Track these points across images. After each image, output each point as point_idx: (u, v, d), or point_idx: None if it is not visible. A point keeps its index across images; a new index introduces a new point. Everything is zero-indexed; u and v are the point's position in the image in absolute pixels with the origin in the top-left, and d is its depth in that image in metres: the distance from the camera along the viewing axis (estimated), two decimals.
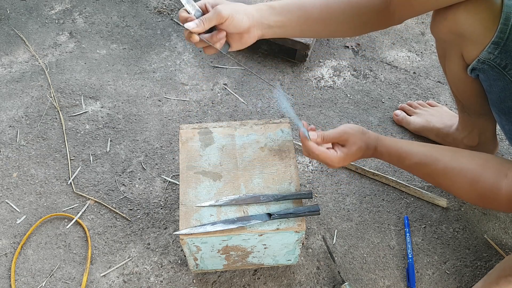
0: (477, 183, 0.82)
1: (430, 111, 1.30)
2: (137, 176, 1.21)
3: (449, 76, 1.05)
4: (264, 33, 0.87)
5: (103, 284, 1.04)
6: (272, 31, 0.88)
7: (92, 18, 1.58)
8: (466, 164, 0.84)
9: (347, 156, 0.88)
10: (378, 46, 1.53)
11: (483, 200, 0.83)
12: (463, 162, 0.84)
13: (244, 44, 0.87)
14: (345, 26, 0.91)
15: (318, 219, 1.14)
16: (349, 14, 0.89)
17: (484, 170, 0.82)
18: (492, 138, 1.19)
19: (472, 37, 0.88)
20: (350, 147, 0.88)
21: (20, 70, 1.43)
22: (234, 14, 0.81)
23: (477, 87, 1.01)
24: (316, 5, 0.88)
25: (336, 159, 0.88)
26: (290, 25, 0.87)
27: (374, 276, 1.06)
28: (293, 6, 0.87)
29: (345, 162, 0.89)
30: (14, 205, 1.16)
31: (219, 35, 0.82)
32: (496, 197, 0.80)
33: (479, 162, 0.84)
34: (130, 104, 1.36)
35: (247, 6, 0.84)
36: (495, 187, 0.80)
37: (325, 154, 0.87)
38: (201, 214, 0.88)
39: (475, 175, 0.82)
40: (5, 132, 1.29)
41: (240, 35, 0.85)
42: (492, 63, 0.88)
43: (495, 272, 0.92)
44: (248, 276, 1.05)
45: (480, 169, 0.82)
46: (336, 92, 1.40)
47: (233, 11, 0.81)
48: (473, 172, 0.82)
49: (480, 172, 0.82)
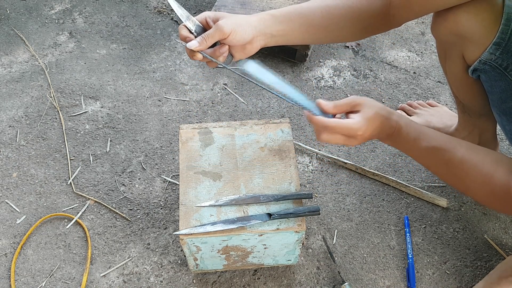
0: (490, 179, 0.78)
1: (430, 111, 1.30)
2: (137, 176, 1.21)
3: (449, 77, 1.05)
4: (267, 42, 0.86)
5: (103, 284, 1.04)
6: (275, 40, 0.87)
7: (92, 18, 1.58)
8: (482, 158, 0.80)
9: (368, 122, 0.77)
10: (378, 46, 1.52)
11: (492, 198, 0.80)
12: (480, 155, 0.80)
13: (247, 54, 0.86)
14: (346, 31, 0.91)
15: (318, 219, 1.14)
16: (350, 19, 0.89)
17: (497, 168, 0.78)
18: (493, 138, 1.19)
19: (473, 38, 0.88)
20: (367, 111, 0.78)
21: (20, 70, 1.43)
22: (236, 28, 0.79)
23: (477, 88, 1.01)
24: (317, 12, 0.87)
25: (356, 125, 0.76)
26: (292, 33, 0.87)
27: (374, 276, 1.06)
28: (294, 14, 0.86)
29: (367, 131, 0.77)
30: (14, 205, 1.16)
31: (222, 50, 0.81)
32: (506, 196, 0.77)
33: (493, 158, 0.80)
34: (130, 104, 1.36)
35: (248, 17, 0.83)
36: (506, 186, 0.77)
37: (342, 123, 0.76)
38: (201, 214, 0.88)
39: (489, 171, 0.78)
40: (5, 132, 1.29)
41: (243, 46, 0.84)
42: (493, 64, 0.88)
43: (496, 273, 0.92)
44: (248, 276, 1.05)
45: (495, 165, 0.79)
46: (336, 92, 1.40)
47: (235, 25, 0.79)
48: (488, 168, 0.79)
49: (494, 169, 0.78)
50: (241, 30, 0.80)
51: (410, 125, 0.81)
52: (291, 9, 0.87)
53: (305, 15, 0.86)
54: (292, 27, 0.86)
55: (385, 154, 1.26)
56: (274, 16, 0.85)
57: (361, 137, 0.78)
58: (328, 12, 0.87)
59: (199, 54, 0.80)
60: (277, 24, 0.85)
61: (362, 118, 0.77)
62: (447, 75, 1.06)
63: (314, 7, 0.87)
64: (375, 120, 0.78)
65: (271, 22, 0.84)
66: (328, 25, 0.88)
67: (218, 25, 0.78)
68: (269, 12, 0.86)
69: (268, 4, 1.44)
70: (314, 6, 0.87)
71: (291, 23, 0.86)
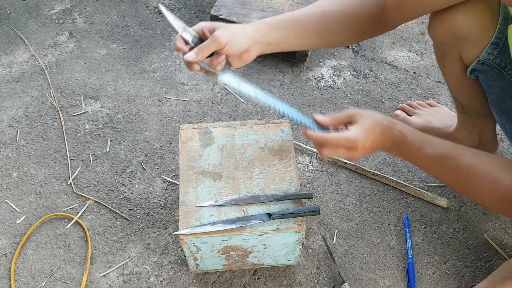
0: (498, 184, 0.77)
1: (430, 111, 1.30)
2: (137, 176, 1.21)
3: (448, 78, 1.05)
4: (263, 50, 0.87)
5: (103, 284, 1.04)
6: (271, 47, 0.87)
7: (92, 18, 1.58)
8: (488, 164, 0.79)
9: (366, 131, 0.77)
10: (378, 46, 1.52)
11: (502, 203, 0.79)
12: (486, 161, 0.79)
13: (244, 62, 0.87)
14: (342, 36, 0.91)
15: (318, 219, 1.14)
16: (345, 24, 0.89)
17: (504, 172, 0.77)
18: (493, 138, 1.19)
19: (471, 38, 0.88)
20: (364, 121, 0.78)
21: (20, 70, 1.43)
22: (232, 38, 0.79)
23: (476, 88, 1.01)
24: (312, 18, 0.87)
25: (354, 136, 0.76)
26: (288, 40, 0.87)
27: (374, 276, 1.06)
28: (290, 21, 0.86)
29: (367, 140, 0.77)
30: (14, 205, 1.16)
31: (219, 59, 0.81)
32: None
33: (500, 163, 0.79)
34: (130, 104, 1.36)
35: (245, 27, 0.83)
36: None
37: (340, 136, 0.77)
38: (201, 214, 0.88)
39: (497, 176, 0.77)
40: (5, 132, 1.29)
41: (240, 55, 0.85)
42: (491, 64, 0.88)
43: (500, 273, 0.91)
44: (248, 276, 1.05)
45: (502, 170, 0.78)
46: (336, 92, 1.40)
47: (231, 35, 0.79)
48: (495, 173, 0.78)
49: (501, 174, 0.77)
50: (237, 40, 0.80)
51: (415, 133, 0.81)
52: (287, 16, 0.87)
53: (301, 22, 0.86)
54: (288, 34, 0.86)
55: (385, 154, 1.26)
56: (270, 24, 0.85)
57: (362, 148, 0.78)
58: (323, 18, 0.87)
59: (196, 65, 0.80)
60: (272, 32, 0.85)
61: (360, 128, 0.77)
62: (445, 76, 1.06)
63: (309, 13, 0.87)
64: (375, 129, 0.78)
65: (267, 31, 0.84)
66: (324, 30, 0.88)
67: (215, 36, 0.78)
68: (265, 20, 0.86)
69: (268, 4, 1.44)
70: (309, 13, 0.87)
71: (286, 30, 0.86)
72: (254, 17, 1.40)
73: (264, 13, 1.41)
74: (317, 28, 0.87)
